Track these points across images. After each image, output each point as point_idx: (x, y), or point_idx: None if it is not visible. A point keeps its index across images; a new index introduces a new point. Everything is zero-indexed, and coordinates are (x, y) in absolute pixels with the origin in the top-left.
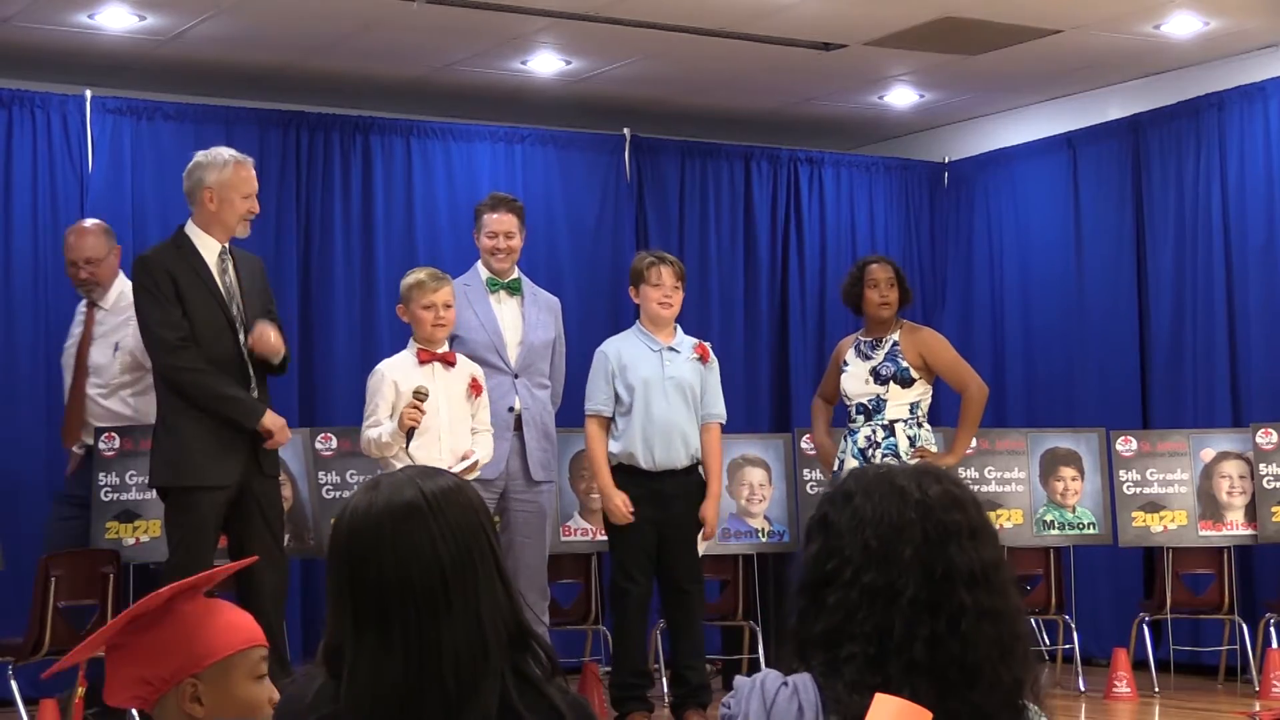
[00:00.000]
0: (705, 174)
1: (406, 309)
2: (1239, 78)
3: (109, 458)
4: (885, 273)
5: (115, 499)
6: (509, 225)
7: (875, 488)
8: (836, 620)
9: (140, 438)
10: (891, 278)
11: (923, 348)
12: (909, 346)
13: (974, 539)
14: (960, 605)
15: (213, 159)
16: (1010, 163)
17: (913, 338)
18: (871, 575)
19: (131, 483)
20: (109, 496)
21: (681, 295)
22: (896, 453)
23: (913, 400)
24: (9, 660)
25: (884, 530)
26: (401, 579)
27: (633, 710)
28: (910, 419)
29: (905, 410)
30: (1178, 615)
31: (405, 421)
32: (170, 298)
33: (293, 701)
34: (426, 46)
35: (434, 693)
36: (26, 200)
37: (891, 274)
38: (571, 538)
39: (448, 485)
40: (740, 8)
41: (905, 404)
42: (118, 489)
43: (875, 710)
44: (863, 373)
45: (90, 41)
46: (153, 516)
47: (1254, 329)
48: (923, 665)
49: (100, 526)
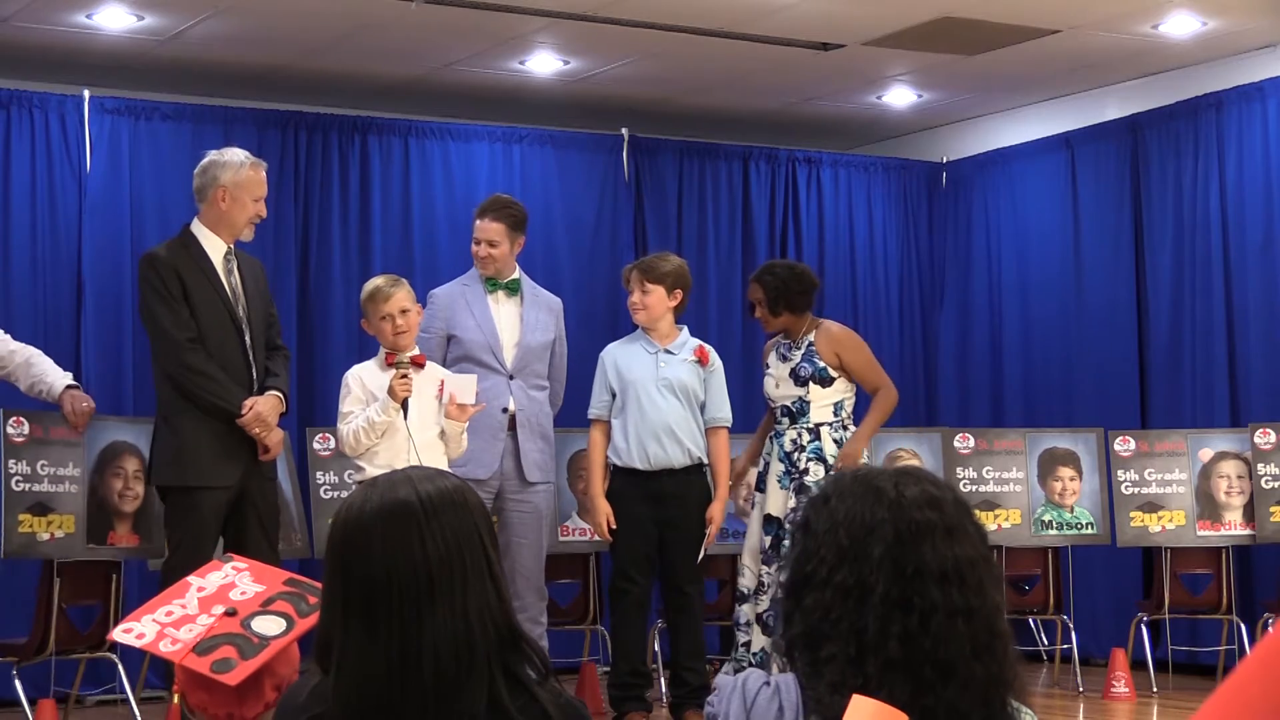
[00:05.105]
0: (704, 174)
1: (369, 323)
2: (1237, 78)
3: (19, 444)
4: (755, 294)
5: (27, 489)
6: (491, 233)
7: (852, 489)
8: (814, 620)
9: (50, 425)
10: (760, 298)
11: (837, 346)
12: (824, 345)
13: (949, 537)
14: (932, 602)
15: (228, 158)
16: (1009, 163)
17: (828, 336)
18: (843, 574)
19: (44, 473)
20: (20, 487)
21: (659, 295)
22: (821, 456)
23: (835, 400)
24: (13, 660)
25: (855, 529)
26: (388, 575)
27: (631, 710)
28: (835, 421)
29: (829, 412)
30: (1176, 615)
31: (398, 393)
32: (178, 297)
33: (289, 699)
34: (425, 46)
35: (415, 687)
36: (25, 200)
37: (760, 294)
38: (570, 538)
39: (446, 487)
40: (738, 8)
41: (828, 405)
42: (29, 479)
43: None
44: (783, 375)
45: (88, 41)
46: (68, 510)
47: (1252, 329)
48: (898, 663)
49: (12, 519)
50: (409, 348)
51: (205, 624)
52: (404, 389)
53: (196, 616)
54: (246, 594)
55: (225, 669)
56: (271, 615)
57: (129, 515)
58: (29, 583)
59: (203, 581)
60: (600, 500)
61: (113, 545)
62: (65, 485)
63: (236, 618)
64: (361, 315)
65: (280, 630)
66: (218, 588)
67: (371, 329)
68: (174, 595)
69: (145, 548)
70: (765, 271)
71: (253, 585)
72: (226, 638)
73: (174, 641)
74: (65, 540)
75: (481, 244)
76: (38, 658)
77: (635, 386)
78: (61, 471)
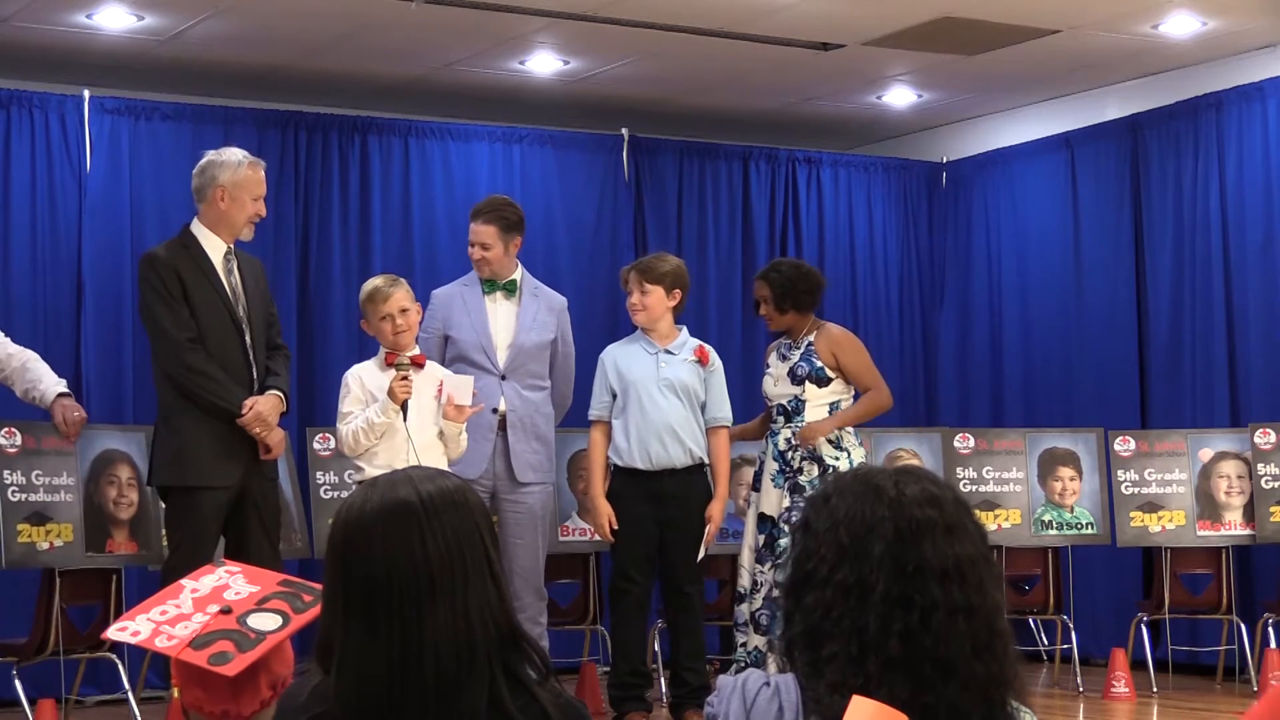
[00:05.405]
0: (704, 174)
1: (369, 323)
2: (1237, 78)
3: (12, 455)
4: (761, 290)
5: (24, 499)
6: (484, 235)
7: (852, 488)
8: (815, 619)
9: (42, 435)
10: (766, 295)
11: (835, 347)
12: (823, 346)
13: (950, 535)
14: (932, 600)
15: (226, 158)
16: (1008, 163)
17: (828, 337)
18: (844, 572)
19: (39, 482)
20: (17, 497)
21: (658, 295)
22: (815, 455)
23: (831, 401)
24: (13, 661)
25: (856, 527)
26: (389, 574)
27: (631, 710)
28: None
29: (824, 412)
30: (1176, 615)
31: (398, 394)
32: (178, 297)
33: (289, 699)
34: (425, 46)
35: (416, 686)
36: (25, 200)
37: (766, 291)
38: (570, 538)
39: (446, 487)
40: (738, 8)
41: (823, 404)
42: (25, 489)
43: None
44: (781, 373)
45: (88, 41)
46: (65, 519)
47: (1252, 329)
48: (899, 661)
49: (11, 530)
50: (409, 347)
51: (201, 621)
52: (404, 391)
53: (192, 615)
54: (241, 594)
55: (223, 661)
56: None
57: (125, 522)
58: (30, 584)
59: (196, 584)
60: (601, 501)
61: (111, 553)
62: (61, 494)
63: (232, 615)
64: (361, 315)
65: (276, 626)
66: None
67: (371, 329)
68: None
69: (144, 555)
70: (772, 269)
71: (247, 586)
72: (223, 633)
73: (170, 637)
74: (64, 549)
75: (475, 247)
76: (38, 658)
77: (636, 387)
78: (56, 481)
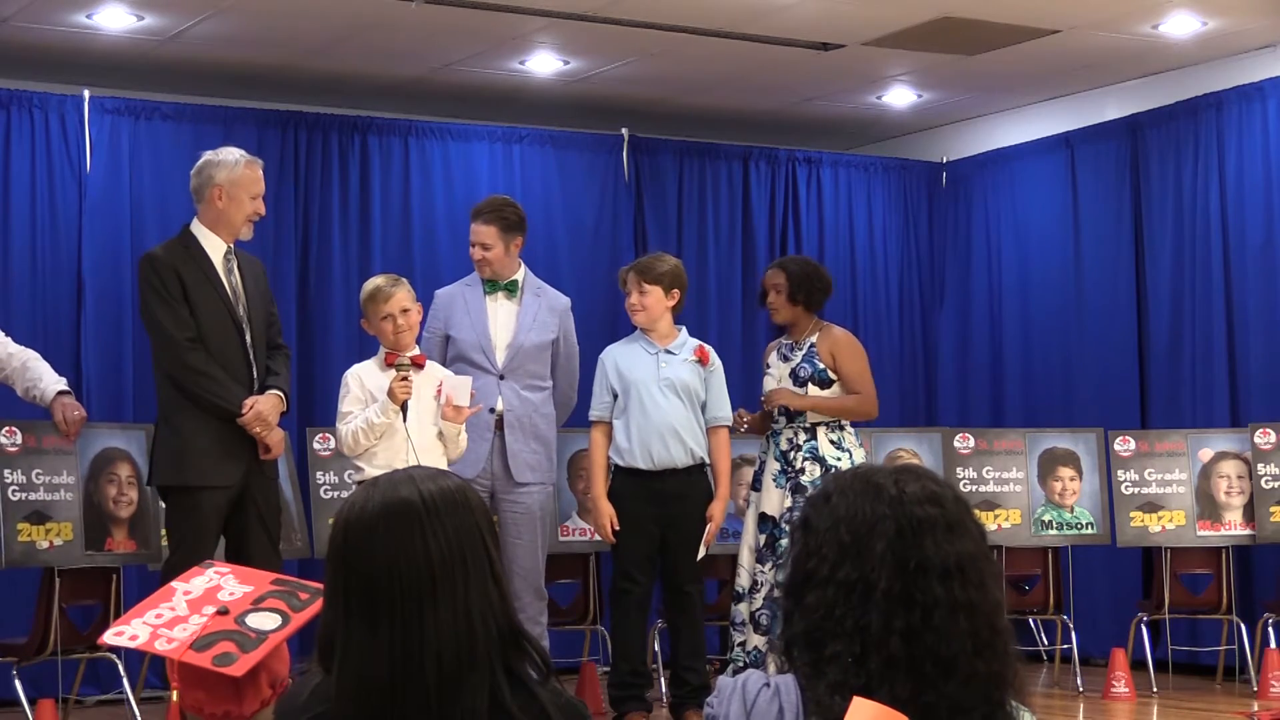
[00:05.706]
0: (704, 174)
1: (369, 323)
2: (1237, 78)
3: (13, 454)
4: (775, 278)
5: (24, 498)
6: (484, 236)
7: (852, 486)
8: (816, 618)
9: (43, 434)
10: (780, 283)
11: (835, 348)
12: (825, 347)
13: (950, 532)
14: (934, 598)
15: (223, 157)
16: (1008, 163)
17: (828, 338)
18: (845, 570)
19: (39, 481)
20: (17, 496)
21: (657, 295)
22: (818, 456)
23: None
24: (13, 661)
25: (857, 525)
26: (390, 573)
27: (631, 710)
28: (832, 421)
29: None
30: (1176, 615)
31: (398, 395)
32: (178, 297)
33: (290, 699)
34: (425, 46)
35: (417, 685)
36: (25, 200)
37: (781, 279)
38: (570, 538)
39: (447, 486)
40: (738, 8)
41: None
42: (25, 488)
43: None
44: (783, 374)
45: (88, 41)
46: (65, 518)
47: (1252, 329)
48: (900, 660)
49: (11, 529)
50: (409, 347)
51: (199, 623)
52: (404, 391)
53: (189, 617)
54: (235, 594)
55: (227, 663)
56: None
57: (125, 521)
58: (29, 584)
59: (187, 586)
60: (603, 502)
61: (111, 551)
62: (61, 493)
63: (229, 615)
64: (362, 315)
65: (276, 625)
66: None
67: (372, 329)
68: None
69: (143, 553)
70: (790, 260)
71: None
72: (223, 634)
73: (170, 640)
74: (64, 548)
75: (476, 247)
76: (38, 658)
77: (637, 387)
78: (56, 480)
